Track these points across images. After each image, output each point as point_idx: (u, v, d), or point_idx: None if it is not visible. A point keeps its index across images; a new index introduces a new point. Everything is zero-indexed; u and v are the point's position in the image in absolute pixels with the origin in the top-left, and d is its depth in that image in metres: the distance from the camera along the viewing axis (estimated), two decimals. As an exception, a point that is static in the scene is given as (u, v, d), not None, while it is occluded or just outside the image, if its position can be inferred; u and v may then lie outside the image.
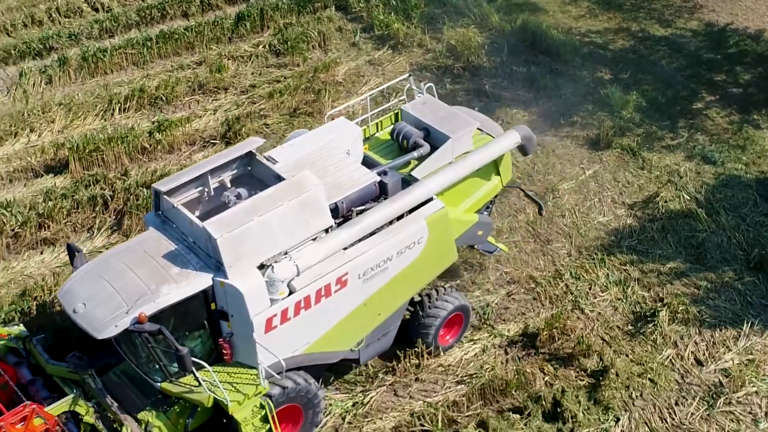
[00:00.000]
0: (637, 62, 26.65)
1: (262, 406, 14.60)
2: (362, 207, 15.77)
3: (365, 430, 16.41)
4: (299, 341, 15.19)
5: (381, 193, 16.10)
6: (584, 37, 27.95)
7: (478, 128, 17.73)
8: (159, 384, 14.71)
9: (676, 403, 17.07)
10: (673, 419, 16.82)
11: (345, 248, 15.22)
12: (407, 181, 16.43)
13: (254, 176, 15.81)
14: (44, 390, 15.41)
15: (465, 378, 17.38)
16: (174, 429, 14.88)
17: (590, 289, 19.35)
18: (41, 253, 20.03)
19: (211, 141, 23.25)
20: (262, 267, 14.43)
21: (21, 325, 16.68)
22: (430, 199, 16.29)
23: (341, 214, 15.57)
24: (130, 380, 15.34)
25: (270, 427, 14.72)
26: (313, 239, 14.93)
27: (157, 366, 14.50)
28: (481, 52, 26.37)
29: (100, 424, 14.79)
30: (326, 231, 15.08)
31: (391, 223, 15.85)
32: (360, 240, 15.42)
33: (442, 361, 17.70)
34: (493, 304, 18.94)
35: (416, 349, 17.43)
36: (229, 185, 15.72)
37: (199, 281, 14.18)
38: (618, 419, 16.66)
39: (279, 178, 15.23)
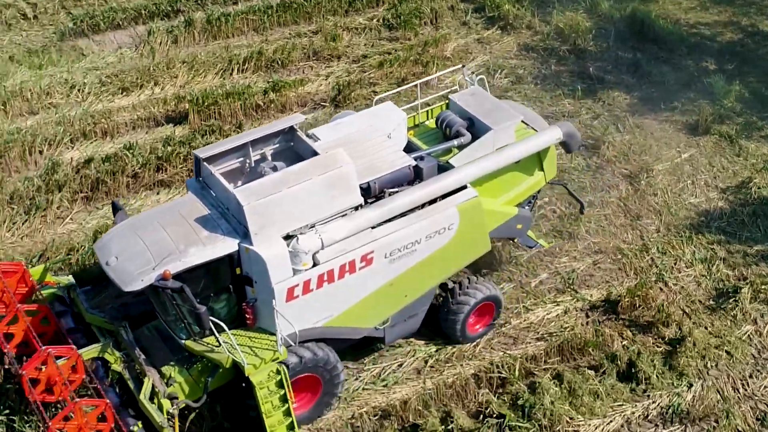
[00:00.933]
0: (744, 55, 26.84)
1: (278, 372, 15.02)
2: (395, 189, 16.02)
3: (446, 374, 17.29)
4: (321, 314, 15.64)
5: (416, 177, 16.33)
6: (692, 28, 28.24)
7: (523, 122, 17.78)
8: (183, 341, 15.37)
9: (750, 376, 17.50)
10: (746, 390, 17.25)
11: (373, 227, 15.61)
12: (444, 168, 16.67)
13: (295, 152, 16.21)
14: (83, 338, 16.10)
15: (545, 335, 18.12)
16: (194, 386, 15.38)
17: (675, 264, 19.84)
18: (157, 193, 21.50)
19: (321, 103, 24.46)
20: (288, 238, 14.94)
21: (70, 276, 17.44)
22: (464, 188, 16.51)
23: (373, 194, 15.87)
24: (160, 336, 16.02)
25: (285, 393, 15.14)
26: (342, 216, 15.38)
27: (182, 324, 15.10)
28: (588, 36, 26.97)
29: (126, 373, 15.47)
30: (355, 209, 15.51)
31: (422, 207, 16.16)
32: (389, 221, 15.78)
33: (523, 320, 18.47)
34: (578, 270, 19.61)
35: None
36: (269, 158, 16.22)
37: (226, 245, 14.80)
38: (691, 385, 17.18)
39: (315, 155, 15.61)
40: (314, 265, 15.14)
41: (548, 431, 16.07)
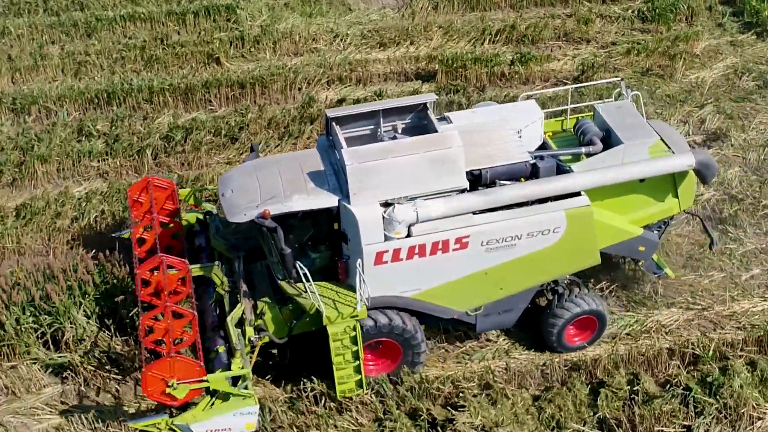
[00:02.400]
0: None
1: (354, 329, 15.71)
2: (506, 182, 16.22)
3: (640, 343, 17.86)
4: (408, 285, 16.06)
5: (532, 175, 16.42)
6: None
7: (666, 144, 17.13)
8: (279, 281, 16.26)
9: None
10: None
11: (474, 213, 15.88)
12: (563, 172, 16.65)
13: (426, 129, 16.42)
14: (207, 259, 17.69)
15: (746, 325, 18.27)
16: (282, 325, 16.32)
17: None
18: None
19: (563, 81, 25.35)
20: (386, 205, 15.50)
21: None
22: (578, 195, 16.40)
23: (483, 182, 16.12)
24: (269, 273, 16.89)
25: (358, 350, 15.95)
26: (444, 195, 15.73)
27: (280, 265, 16.15)
28: None
29: (227, 298, 16.68)
30: (460, 192, 15.81)
31: (530, 204, 16.28)
32: (493, 210, 15.97)
33: (727, 308, 18.69)
34: (795, 270, 19.55)
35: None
36: (399, 131, 16.67)
37: (326, 200, 15.64)
38: None
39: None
40: (407, 236, 15.63)
41: (732, 411, 16.31)
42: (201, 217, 18.62)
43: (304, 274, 15.60)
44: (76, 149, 22.71)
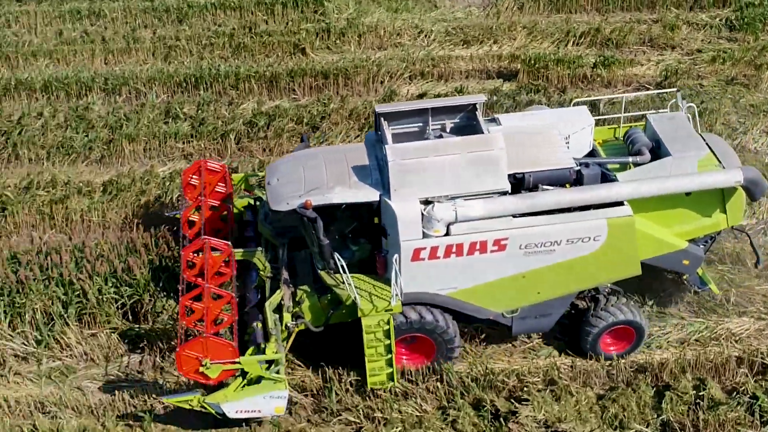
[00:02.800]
0: None
1: (388, 322, 15.98)
2: (549, 187, 16.17)
3: (708, 350, 17.74)
4: (444, 283, 16.18)
5: (576, 182, 16.35)
6: None
7: (717, 159, 16.81)
8: (319, 270, 16.55)
9: None
10: None
11: (514, 216, 15.90)
12: (608, 180, 16.53)
13: (474, 130, 16.32)
14: (254, 244, 17.95)
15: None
16: (319, 313, 16.62)
17: None
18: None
19: (646, 85, 25.25)
20: (426, 203, 15.61)
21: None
22: (621, 204, 16.24)
23: (526, 186, 16.13)
24: (311, 262, 17.10)
25: (391, 344, 16.17)
26: (484, 196, 15.77)
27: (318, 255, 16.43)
28: None
29: (269, 283, 17.13)
30: (501, 194, 15.84)
31: (572, 211, 16.15)
32: (533, 214, 15.96)
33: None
34: None
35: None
36: (447, 130, 16.62)
37: (367, 194, 15.85)
38: None
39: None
40: (446, 234, 15.71)
41: (801, 423, 16.26)
42: (252, 202, 19.06)
43: (342, 266, 15.84)
44: (163, 130, 23.45)
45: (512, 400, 16.53)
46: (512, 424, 16.14)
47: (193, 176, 18.44)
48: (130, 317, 18.45)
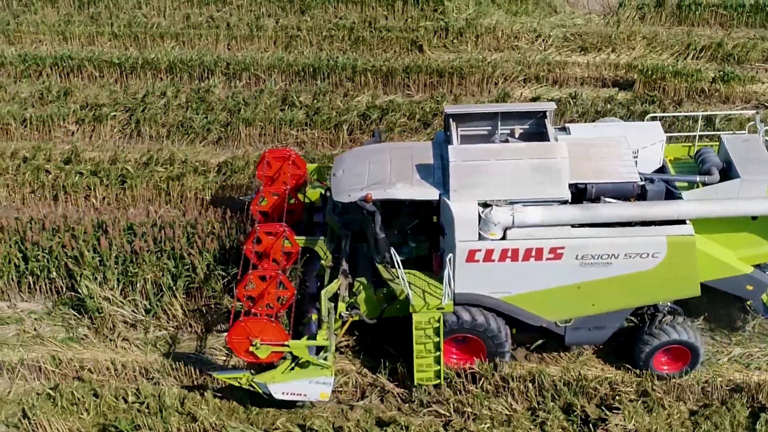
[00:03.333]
0: None
1: (438, 320, 16.15)
2: (612, 200, 16.02)
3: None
4: (498, 286, 16.24)
5: (640, 196, 16.21)
6: None
7: None
8: (378, 264, 16.75)
9: None
10: None
11: (573, 225, 15.81)
12: (673, 197, 16.37)
13: (542, 137, 16.39)
14: (321, 234, 18.26)
15: None
16: (375, 306, 16.93)
17: None
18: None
19: (765, 104, 24.77)
20: (485, 206, 15.69)
21: None
22: (683, 223, 16.01)
23: (588, 197, 16.02)
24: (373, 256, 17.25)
25: (440, 342, 16.31)
26: (543, 204, 15.74)
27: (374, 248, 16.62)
28: None
29: (328, 272, 17.43)
30: (562, 203, 15.77)
31: (633, 225, 16.00)
32: (592, 225, 15.85)
33: None
34: None
35: None
36: (516, 136, 16.73)
37: (428, 192, 16.02)
38: None
39: None
40: (502, 238, 15.77)
41: None
42: (324, 192, 19.46)
43: (396, 261, 16.09)
44: (279, 117, 24.10)
45: (603, 407, 16.53)
46: (601, 431, 16.15)
47: (272, 163, 19.06)
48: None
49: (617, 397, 16.69)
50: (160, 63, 26.41)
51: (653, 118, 18.49)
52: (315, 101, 24.87)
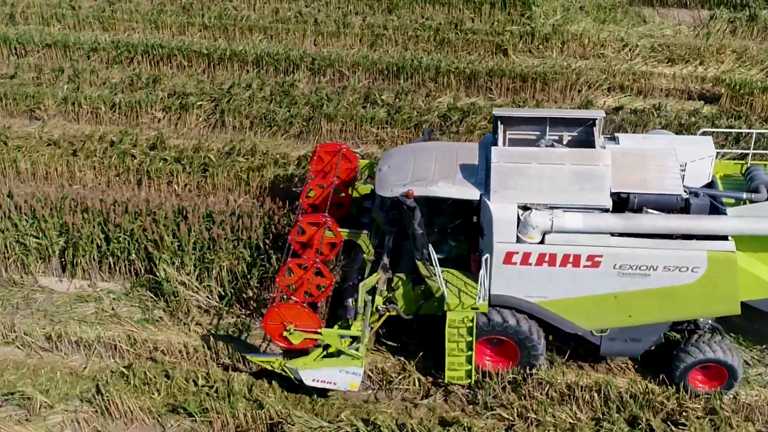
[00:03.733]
0: None
1: (472, 320, 16.15)
2: (654, 211, 15.75)
3: None
4: (533, 290, 16.17)
5: (684, 210, 15.89)
6: None
7: None
8: (417, 260, 16.70)
9: None
10: None
11: (612, 234, 15.57)
12: (717, 213, 16.03)
13: (588, 145, 16.23)
14: (368, 229, 18.36)
15: None
16: (412, 302, 17.06)
17: None
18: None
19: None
20: (525, 208, 15.57)
21: None
22: (725, 239, 15.62)
23: (630, 207, 15.78)
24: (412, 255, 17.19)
25: (472, 341, 16.32)
26: (584, 210, 15.54)
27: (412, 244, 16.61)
28: None
29: (369, 266, 17.66)
30: (601, 211, 15.55)
31: (673, 238, 15.71)
32: (633, 236, 15.59)
33: None
34: None
35: None
36: (564, 142, 16.53)
37: (469, 192, 16.01)
38: None
39: None
40: (540, 242, 15.69)
41: None
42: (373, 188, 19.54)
43: (433, 258, 16.12)
44: (360, 114, 24.34)
45: (669, 423, 16.36)
46: (665, 446, 16.04)
47: (324, 156, 19.36)
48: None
49: (684, 413, 16.49)
50: (247, 55, 26.90)
51: (705, 133, 18.26)
52: (397, 100, 25.06)
